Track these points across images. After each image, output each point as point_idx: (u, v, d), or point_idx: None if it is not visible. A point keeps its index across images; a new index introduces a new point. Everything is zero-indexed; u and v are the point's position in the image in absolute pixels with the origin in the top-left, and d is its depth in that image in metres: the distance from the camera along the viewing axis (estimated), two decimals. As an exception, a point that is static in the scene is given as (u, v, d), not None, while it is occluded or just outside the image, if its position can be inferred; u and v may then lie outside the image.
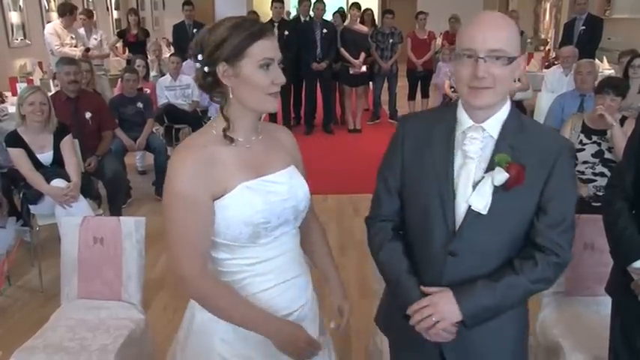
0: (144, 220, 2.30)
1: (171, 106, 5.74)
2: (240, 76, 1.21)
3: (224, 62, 1.20)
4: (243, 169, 1.24)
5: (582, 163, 3.37)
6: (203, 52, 1.22)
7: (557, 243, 1.23)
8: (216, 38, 1.20)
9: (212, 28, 1.23)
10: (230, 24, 1.22)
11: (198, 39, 1.24)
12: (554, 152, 1.22)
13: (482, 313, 1.24)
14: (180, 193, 1.19)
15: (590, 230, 2.24)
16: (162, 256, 3.72)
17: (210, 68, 1.22)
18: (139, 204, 4.71)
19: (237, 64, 1.20)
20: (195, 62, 1.25)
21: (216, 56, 1.21)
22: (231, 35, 1.20)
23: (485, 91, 1.20)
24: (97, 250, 2.28)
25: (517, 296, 1.25)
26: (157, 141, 4.86)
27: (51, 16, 8.15)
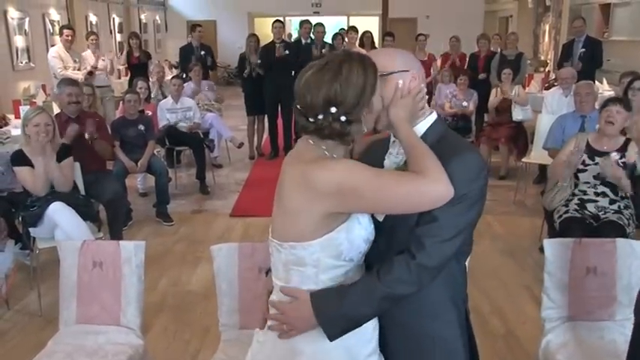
0: (143, 244, 2.30)
1: (172, 129, 5.78)
2: (372, 110, 1.31)
3: (365, 106, 1.28)
4: None
5: (584, 183, 3.39)
6: (339, 104, 1.25)
7: (419, 242, 1.25)
8: (356, 86, 1.25)
9: (336, 80, 1.24)
10: (358, 67, 1.26)
11: (325, 96, 1.25)
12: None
13: (337, 319, 1.28)
14: (352, 164, 1.27)
15: (593, 254, 2.24)
16: (162, 278, 3.71)
17: (353, 116, 1.27)
18: (140, 226, 4.71)
19: (370, 102, 1.29)
20: (316, 118, 1.27)
21: (361, 103, 1.27)
22: (368, 77, 1.27)
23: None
24: (96, 274, 2.28)
25: (374, 300, 1.27)
26: (158, 163, 4.89)
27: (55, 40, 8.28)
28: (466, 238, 1.32)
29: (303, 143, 1.34)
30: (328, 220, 1.28)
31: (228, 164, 6.81)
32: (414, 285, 1.26)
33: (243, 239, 4.29)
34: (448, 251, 1.26)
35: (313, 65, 1.30)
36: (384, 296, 1.26)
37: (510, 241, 4.29)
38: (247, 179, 6.15)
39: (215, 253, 2.19)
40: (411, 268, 1.25)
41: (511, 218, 4.80)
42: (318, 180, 1.24)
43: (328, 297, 1.29)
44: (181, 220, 4.86)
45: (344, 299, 1.27)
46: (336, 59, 1.28)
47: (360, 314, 1.29)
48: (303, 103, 1.28)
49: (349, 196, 1.22)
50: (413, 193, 1.22)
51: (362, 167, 1.26)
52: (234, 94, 7.58)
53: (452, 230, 1.25)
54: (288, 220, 1.31)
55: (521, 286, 3.53)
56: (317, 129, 1.28)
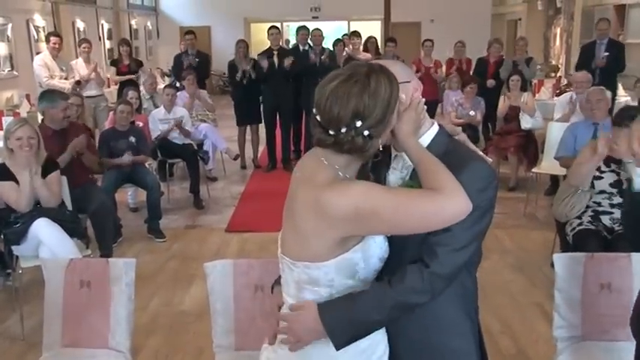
0: (134, 261, 2.31)
1: (165, 140, 5.81)
2: (390, 125, 1.32)
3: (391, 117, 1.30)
4: None
5: (599, 193, 3.38)
6: (366, 118, 1.26)
7: (431, 250, 1.29)
8: (384, 100, 1.27)
9: (366, 92, 1.25)
10: (385, 80, 1.27)
11: (355, 108, 1.25)
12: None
13: (345, 326, 1.30)
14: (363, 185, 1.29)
15: (607, 269, 2.24)
16: (154, 297, 3.71)
17: (376, 131, 1.28)
18: (130, 243, 4.72)
19: (393, 117, 1.31)
20: (338, 132, 1.27)
21: (386, 119, 1.28)
22: (393, 91, 1.28)
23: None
24: (84, 294, 2.28)
25: (385, 308, 1.29)
26: (149, 176, 4.91)
27: (40, 47, 8.32)
28: (477, 247, 1.35)
29: (315, 161, 1.34)
30: (344, 241, 1.30)
31: (223, 177, 6.82)
32: (427, 294, 1.29)
33: (240, 256, 4.29)
34: (460, 260, 1.30)
35: (337, 76, 1.29)
36: (396, 304, 1.29)
37: (521, 256, 4.29)
38: (243, 193, 6.16)
39: (209, 270, 2.20)
40: (424, 276, 1.28)
41: (521, 232, 4.80)
42: (333, 206, 1.25)
43: (336, 304, 1.32)
44: (174, 236, 4.86)
45: (354, 306, 1.30)
46: (362, 70, 1.28)
47: (370, 321, 1.31)
48: (328, 116, 1.27)
49: (367, 220, 1.24)
50: (432, 212, 1.24)
51: (377, 189, 1.28)
52: (230, 104, 7.61)
53: (464, 240, 1.29)
54: (301, 240, 1.33)
55: (532, 304, 3.53)
56: (336, 143, 1.28)
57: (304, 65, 6.81)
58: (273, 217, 5.44)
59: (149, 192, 4.80)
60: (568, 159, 3.97)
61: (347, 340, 1.31)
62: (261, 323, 2.15)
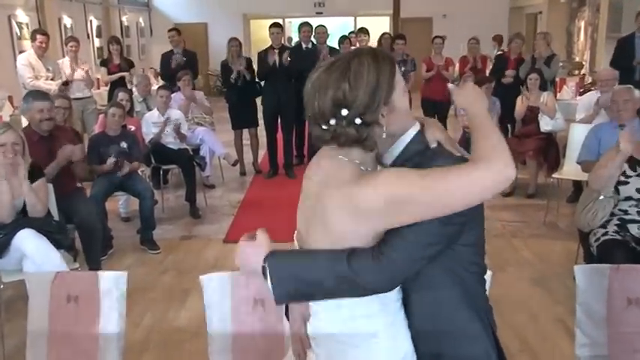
0: (125, 275, 2.31)
1: (159, 145, 5.84)
2: (393, 110, 1.32)
3: (383, 104, 1.30)
4: None
5: (625, 199, 3.36)
6: (350, 105, 1.27)
7: (389, 237, 1.30)
8: (368, 82, 1.27)
9: (344, 78, 1.27)
10: (368, 61, 1.28)
11: (333, 97, 1.27)
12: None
13: (289, 279, 1.33)
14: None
15: (635, 282, 2.22)
16: (147, 313, 3.72)
17: (370, 117, 1.29)
18: (122, 255, 4.74)
19: (390, 100, 1.31)
20: (329, 125, 1.30)
21: (376, 103, 1.28)
22: (381, 73, 1.29)
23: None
24: (71, 310, 2.28)
25: (335, 275, 1.30)
26: (142, 184, 4.93)
27: (23, 45, 8.34)
28: (463, 250, 1.36)
29: (332, 160, 1.36)
30: (380, 235, 1.32)
31: (221, 184, 6.85)
32: (378, 275, 1.28)
33: (238, 269, 4.30)
34: (416, 252, 1.30)
35: (321, 66, 1.33)
36: (346, 277, 1.29)
37: (541, 268, 4.28)
38: (243, 201, 6.18)
39: (205, 283, 2.20)
40: (374, 254, 1.29)
41: (541, 242, 4.79)
42: (366, 200, 1.26)
43: (288, 254, 1.36)
44: (169, 247, 4.88)
45: (305, 262, 1.32)
46: (346, 56, 1.31)
47: (316, 283, 1.31)
48: (312, 109, 1.31)
49: (403, 205, 1.25)
50: (471, 183, 1.23)
51: (407, 172, 1.29)
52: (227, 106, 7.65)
53: (425, 236, 1.29)
54: (338, 242, 1.33)
55: (554, 320, 3.51)
56: (333, 137, 1.31)
57: (307, 64, 6.82)
58: (275, 226, 5.45)
59: (142, 200, 4.81)
60: (591, 163, 3.95)
61: (286, 294, 1.33)
62: (261, 340, 2.15)
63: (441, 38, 7.88)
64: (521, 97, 6.24)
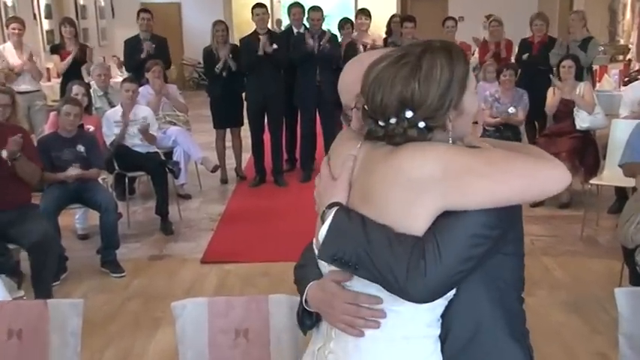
0: (82, 303, 2.31)
1: (123, 148, 5.84)
2: (462, 113, 1.40)
3: (452, 108, 1.37)
4: None
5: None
6: (417, 107, 1.35)
7: (435, 243, 1.34)
8: (440, 83, 1.35)
9: (414, 76, 1.34)
10: (442, 61, 1.35)
11: (400, 96, 1.35)
12: None
13: (348, 231, 1.38)
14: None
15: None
16: (108, 348, 3.71)
17: (436, 121, 1.36)
18: (78, 279, 4.72)
19: (460, 103, 1.38)
20: (387, 123, 1.37)
21: (446, 105, 1.36)
22: (456, 71, 1.36)
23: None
24: (13, 347, 2.26)
25: (378, 254, 1.34)
26: (103, 194, 4.93)
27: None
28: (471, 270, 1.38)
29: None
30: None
31: (198, 194, 6.85)
32: (425, 277, 1.31)
33: (219, 293, 4.31)
34: (462, 252, 1.34)
35: (386, 57, 1.40)
36: (384, 264, 1.32)
37: (577, 292, 4.29)
38: (224, 213, 6.18)
39: (178, 311, 2.20)
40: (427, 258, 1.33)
41: (577, 260, 4.81)
42: (417, 166, 1.33)
43: (358, 215, 1.39)
44: (135, 269, 4.87)
45: (370, 228, 1.36)
46: (415, 50, 1.38)
47: (370, 255, 1.34)
48: (372, 104, 1.39)
49: (459, 180, 1.30)
50: (535, 169, 1.32)
51: (463, 147, 1.38)
52: (207, 101, 7.65)
53: (470, 229, 1.34)
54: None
55: (592, 353, 3.52)
56: (387, 135, 1.39)
57: (299, 52, 6.86)
58: (261, 243, 5.54)
59: (103, 214, 4.81)
60: (635, 166, 3.97)
61: (331, 256, 1.38)
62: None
63: (454, 20, 7.91)
64: (553, 89, 6.25)
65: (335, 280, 1.46)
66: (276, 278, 4.54)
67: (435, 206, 1.32)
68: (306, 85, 6.98)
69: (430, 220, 1.34)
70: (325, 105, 7.07)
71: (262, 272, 4.74)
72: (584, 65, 6.74)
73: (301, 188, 6.91)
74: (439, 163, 1.31)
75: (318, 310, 1.53)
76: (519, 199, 1.35)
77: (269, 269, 4.76)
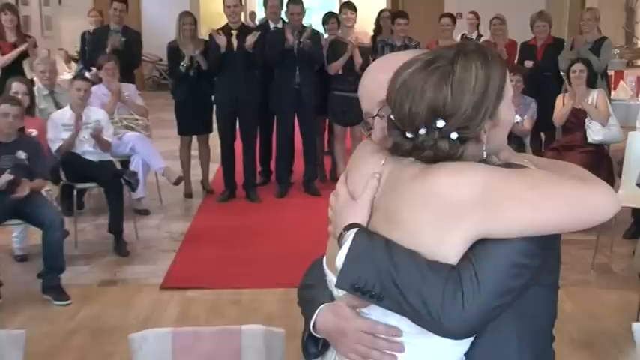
0: (22, 335, 2.29)
1: (72, 156, 5.81)
2: (498, 124, 1.42)
3: (488, 117, 1.40)
4: None
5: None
6: (449, 116, 1.37)
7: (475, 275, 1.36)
8: (475, 91, 1.37)
9: (446, 82, 1.37)
10: (477, 64, 1.38)
11: (431, 104, 1.37)
12: None
13: (362, 259, 1.40)
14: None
15: None
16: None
17: (468, 133, 1.39)
18: (14, 308, 4.67)
19: (496, 112, 1.41)
20: (416, 134, 1.39)
21: (480, 116, 1.38)
22: (492, 77, 1.39)
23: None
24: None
25: (415, 280, 1.35)
26: (46, 209, 4.90)
27: None
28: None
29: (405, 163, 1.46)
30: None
31: (158, 210, 6.85)
32: (462, 308, 1.34)
33: (181, 323, 4.27)
34: (501, 284, 1.37)
35: (415, 61, 1.42)
36: (409, 289, 1.34)
37: (588, 326, 4.33)
38: (188, 232, 6.17)
39: (137, 344, 2.19)
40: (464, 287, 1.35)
41: (589, 291, 4.85)
42: (454, 190, 1.35)
43: (381, 237, 1.41)
44: (83, 296, 4.83)
45: (395, 252, 1.37)
46: (447, 53, 1.41)
47: (396, 284, 1.35)
48: (400, 113, 1.41)
49: (498, 204, 1.33)
50: (582, 194, 1.36)
51: (501, 168, 1.40)
52: (169, 104, 7.64)
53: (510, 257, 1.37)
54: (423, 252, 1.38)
55: (606, 396, 3.56)
56: (415, 148, 1.41)
57: (277, 50, 6.88)
58: (231, 267, 5.54)
59: (46, 232, 4.78)
60: (654, 186, 4.03)
61: (351, 285, 1.39)
62: None
63: (451, 17, 7.97)
64: (562, 97, 6.31)
65: (351, 305, 1.46)
66: (248, 307, 4.54)
67: (471, 233, 1.35)
68: (283, 88, 7.01)
69: (465, 247, 1.36)
70: (305, 110, 7.11)
71: (231, 300, 4.73)
72: (597, 70, 6.80)
73: (276, 205, 6.92)
74: (477, 186, 1.34)
75: (328, 337, 1.53)
76: (563, 228, 1.38)
77: (239, 297, 4.76)
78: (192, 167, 7.35)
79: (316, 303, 1.56)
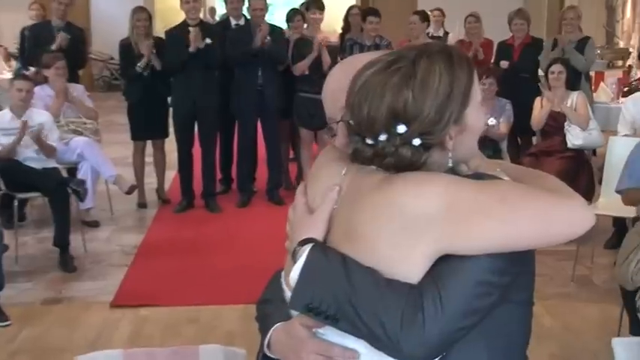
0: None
1: (12, 163, 5.74)
2: (465, 130, 1.43)
3: (453, 122, 1.40)
4: None
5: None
6: (411, 120, 1.37)
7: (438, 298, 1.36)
8: (439, 96, 1.37)
9: (407, 84, 1.37)
10: (440, 66, 1.39)
11: (391, 107, 1.37)
12: None
13: (326, 272, 1.39)
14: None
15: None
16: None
17: (432, 139, 1.39)
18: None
19: (462, 117, 1.41)
20: (376, 140, 1.39)
21: (445, 120, 1.38)
22: (456, 81, 1.39)
23: None
24: None
25: (373, 301, 1.35)
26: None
27: None
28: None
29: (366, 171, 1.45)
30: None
31: (109, 221, 6.80)
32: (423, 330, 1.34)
33: (134, 343, 4.23)
34: (468, 304, 1.37)
35: (376, 62, 1.43)
36: (367, 307, 1.34)
37: (568, 342, 4.37)
38: (142, 245, 6.14)
39: (83, 369, 2.17)
40: (410, 310, 1.35)
41: (569, 305, 4.89)
42: (418, 203, 1.35)
43: (338, 254, 1.41)
44: (25, 316, 4.77)
45: (353, 268, 1.37)
46: (410, 54, 1.42)
47: (353, 303, 1.35)
48: (358, 117, 1.41)
49: (465, 218, 1.33)
50: (555, 208, 1.35)
51: (469, 180, 1.40)
52: (121, 106, 7.59)
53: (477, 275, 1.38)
54: (384, 270, 1.38)
55: (587, 417, 3.59)
56: (376, 155, 1.41)
57: (239, 49, 6.87)
58: (188, 283, 5.52)
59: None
60: (636, 192, 4.07)
61: (305, 306, 1.39)
62: None
63: (420, 15, 7.99)
64: (540, 100, 6.37)
65: (305, 325, 1.46)
66: (207, 326, 4.51)
67: (434, 249, 1.35)
68: (245, 89, 7.01)
69: (428, 265, 1.35)
70: (268, 114, 7.12)
71: (189, 318, 4.70)
72: (583, 71, 6.86)
73: (238, 215, 6.91)
74: (441, 199, 1.33)
75: (282, 358, 1.53)
76: (534, 245, 1.38)
77: (197, 315, 4.73)
78: (147, 175, 7.30)
79: (271, 321, 1.56)
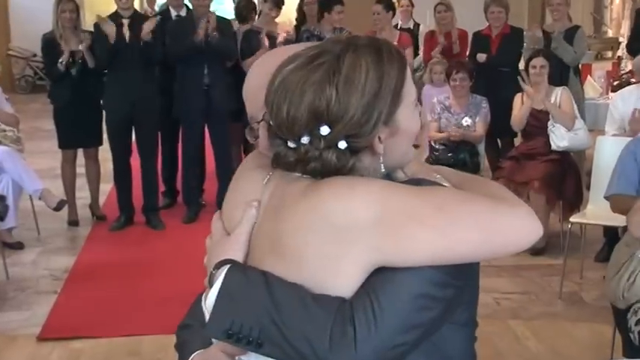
0: None
1: None
2: (397, 132, 1.45)
3: (382, 124, 1.41)
4: None
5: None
6: (334, 121, 1.38)
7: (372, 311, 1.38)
8: (365, 94, 1.38)
9: (330, 81, 1.38)
10: (367, 60, 1.40)
11: (311, 106, 1.38)
12: None
13: (237, 297, 1.41)
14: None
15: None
16: None
17: (359, 142, 1.40)
18: None
19: (393, 118, 1.43)
20: (298, 143, 1.41)
21: (372, 121, 1.40)
22: (384, 78, 1.40)
23: None
24: None
25: (299, 319, 1.37)
26: None
27: None
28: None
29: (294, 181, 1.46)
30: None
31: (35, 242, 6.75)
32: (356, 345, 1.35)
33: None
34: (407, 319, 1.38)
35: (298, 56, 1.44)
36: (294, 329, 1.35)
37: (556, 367, 4.41)
38: (73, 269, 6.10)
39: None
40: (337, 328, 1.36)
41: (557, 325, 4.91)
42: (346, 209, 1.36)
43: (258, 272, 1.42)
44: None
45: (276, 287, 1.38)
46: (334, 47, 1.43)
47: (262, 312, 1.37)
48: (278, 118, 1.42)
49: (398, 228, 1.34)
50: (496, 216, 1.37)
51: (405, 186, 1.42)
52: (47, 110, 7.52)
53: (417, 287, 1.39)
54: (315, 289, 1.39)
55: None
56: (300, 160, 1.42)
57: (182, 44, 6.85)
58: (127, 310, 5.48)
59: None
60: (626, 199, 4.13)
61: (224, 331, 1.39)
62: None
63: (383, 4, 7.96)
64: (521, 97, 6.38)
65: (226, 352, 1.47)
66: (150, 358, 4.50)
67: (367, 261, 1.36)
68: (189, 89, 6.99)
69: (360, 279, 1.36)
70: (216, 117, 7.10)
71: (129, 351, 4.69)
72: (572, 64, 6.86)
73: (184, 231, 6.88)
74: (372, 206, 1.35)
75: None
76: (475, 257, 1.40)
77: (138, 346, 4.72)
78: (78, 188, 7.26)
79: (189, 349, 1.59)
